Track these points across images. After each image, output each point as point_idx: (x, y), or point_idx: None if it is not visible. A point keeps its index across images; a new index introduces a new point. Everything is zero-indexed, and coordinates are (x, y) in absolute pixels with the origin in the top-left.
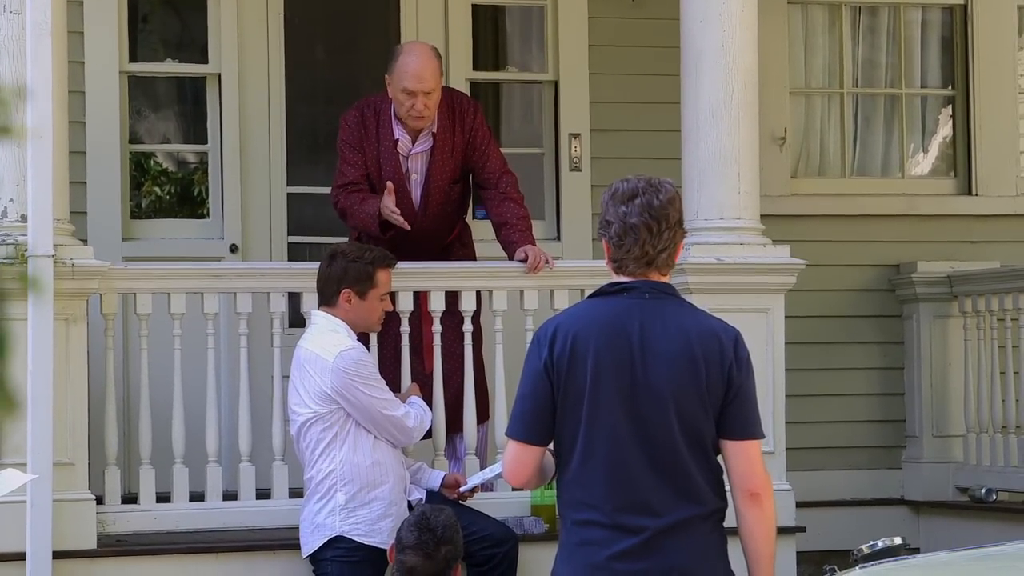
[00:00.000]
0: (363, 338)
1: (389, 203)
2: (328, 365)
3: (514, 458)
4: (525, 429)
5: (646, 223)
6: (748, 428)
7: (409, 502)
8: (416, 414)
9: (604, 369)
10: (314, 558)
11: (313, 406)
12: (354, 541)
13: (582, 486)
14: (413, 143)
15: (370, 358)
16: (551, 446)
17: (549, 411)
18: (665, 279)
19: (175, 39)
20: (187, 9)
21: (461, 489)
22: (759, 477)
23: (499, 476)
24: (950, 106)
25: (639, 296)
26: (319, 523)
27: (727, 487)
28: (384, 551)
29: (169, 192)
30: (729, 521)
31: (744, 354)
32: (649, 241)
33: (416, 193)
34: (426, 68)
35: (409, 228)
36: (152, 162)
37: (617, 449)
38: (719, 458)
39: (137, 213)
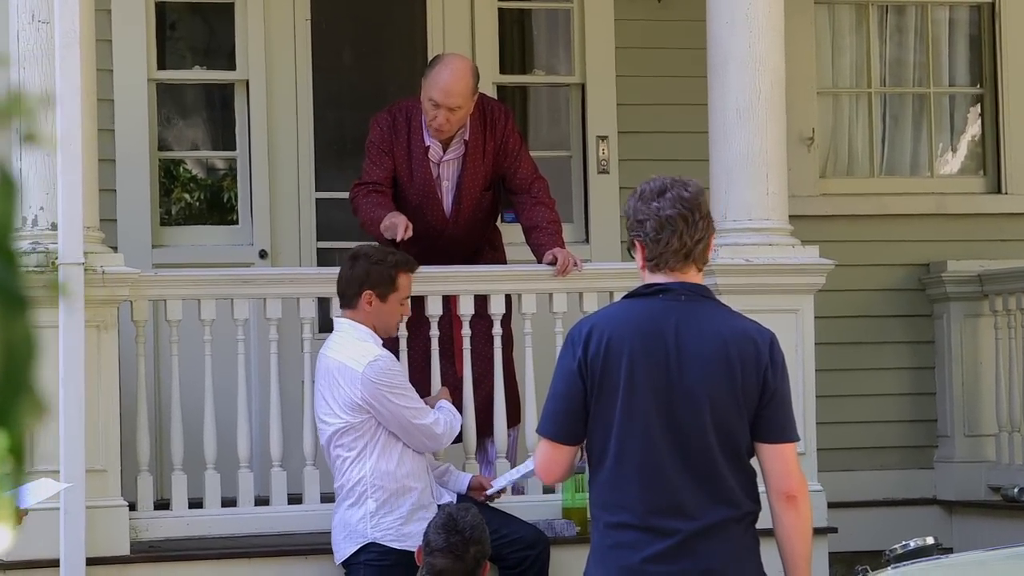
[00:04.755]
0: (393, 342)
1: (399, 222)
2: (358, 375)
3: (546, 456)
4: (557, 428)
5: (681, 214)
6: (784, 431)
7: (439, 505)
8: (445, 420)
9: (639, 371)
10: (347, 564)
11: (344, 416)
12: (385, 546)
13: (615, 488)
14: (444, 150)
15: (399, 366)
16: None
17: (581, 411)
18: (700, 278)
19: (203, 46)
20: (215, 16)
21: (488, 491)
22: (795, 479)
23: (526, 477)
24: (979, 104)
25: (675, 298)
26: (351, 530)
27: (760, 489)
28: (413, 554)
29: (199, 199)
30: (761, 523)
31: (779, 357)
32: (686, 231)
33: (447, 200)
34: (456, 84)
35: (399, 240)
36: (182, 169)
37: (651, 451)
38: (753, 460)
39: (167, 220)
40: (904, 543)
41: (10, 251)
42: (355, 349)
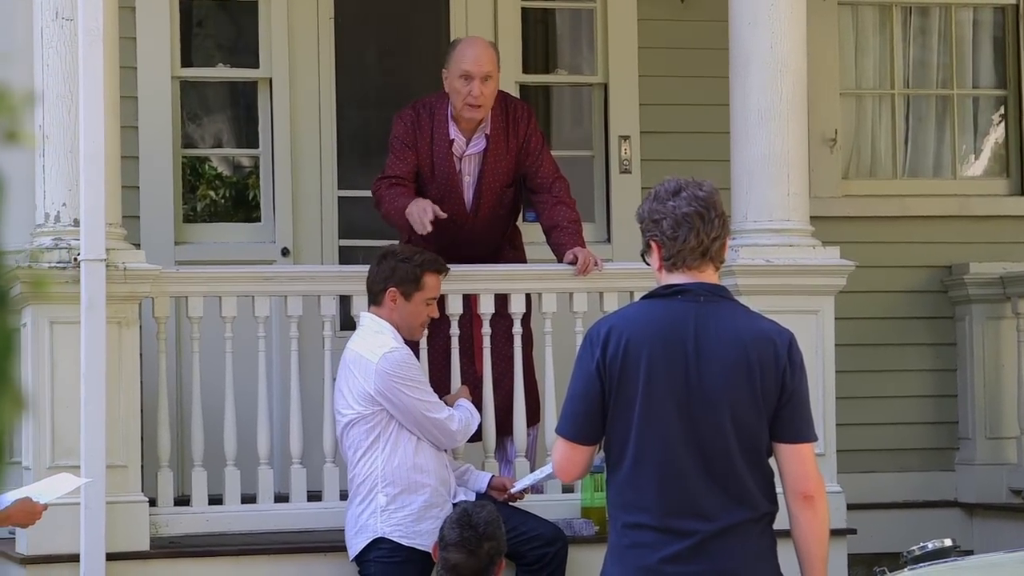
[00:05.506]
0: (413, 340)
1: (428, 208)
2: (372, 366)
3: (564, 456)
4: (575, 428)
5: (698, 211)
6: (802, 431)
7: (454, 504)
8: (461, 417)
9: (658, 372)
10: (358, 559)
11: (357, 407)
12: (395, 542)
13: (633, 488)
14: (467, 144)
15: (415, 360)
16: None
17: (599, 412)
18: (717, 278)
19: (229, 43)
20: (241, 13)
21: (511, 491)
22: (812, 480)
23: (548, 478)
24: (1002, 106)
25: (693, 299)
26: (362, 525)
27: (777, 490)
28: (426, 552)
29: (224, 196)
30: (778, 523)
31: (798, 357)
32: (703, 228)
33: (468, 195)
34: (484, 54)
35: (427, 232)
36: (207, 166)
37: (669, 452)
38: (770, 460)
39: (192, 217)
40: (922, 545)
41: None
42: (372, 341)
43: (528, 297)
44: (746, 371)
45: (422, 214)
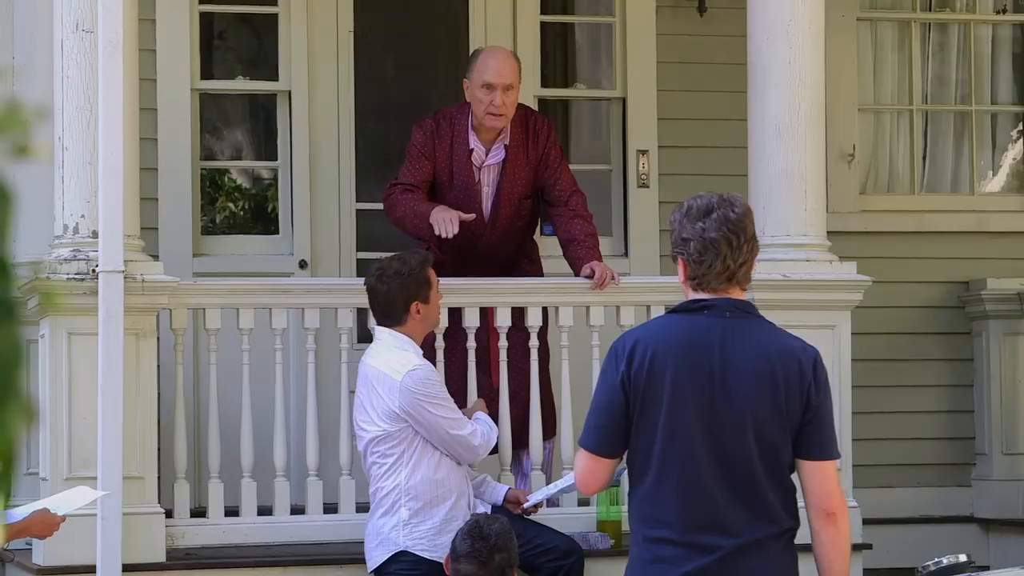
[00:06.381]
0: (430, 354)
1: (453, 213)
2: (396, 384)
3: (586, 469)
4: (597, 441)
5: (726, 237)
6: (825, 449)
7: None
8: (482, 431)
9: (683, 387)
10: (378, 572)
11: (382, 424)
12: (417, 555)
13: (656, 503)
14: (486, 154)
15: (437, 377)
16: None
17: (623, 425)
18: (744, 295)
19: (249, 56)
20: (261, 27)
21: (525, 505)
22: (835, 497)
23: (564, 492)
24: (1021, 123)
25: (719, 314)
26: (383, 537)
27: (799, 505)
28: None
29: (242, 208)
30: (799, 538)
31: (823, 375)
32: (730, 255)
33: (487, 205)
34: (505, 64)
35: (453, 235)
36: (226, 178)
37: (693, 467)
38: (793, 476)
39: (211, 229)
40: (937, 560)
41: (3, 260)
42: (394, 358)
43: (545, 311)
44: (771, 387)
45: (448, 219)
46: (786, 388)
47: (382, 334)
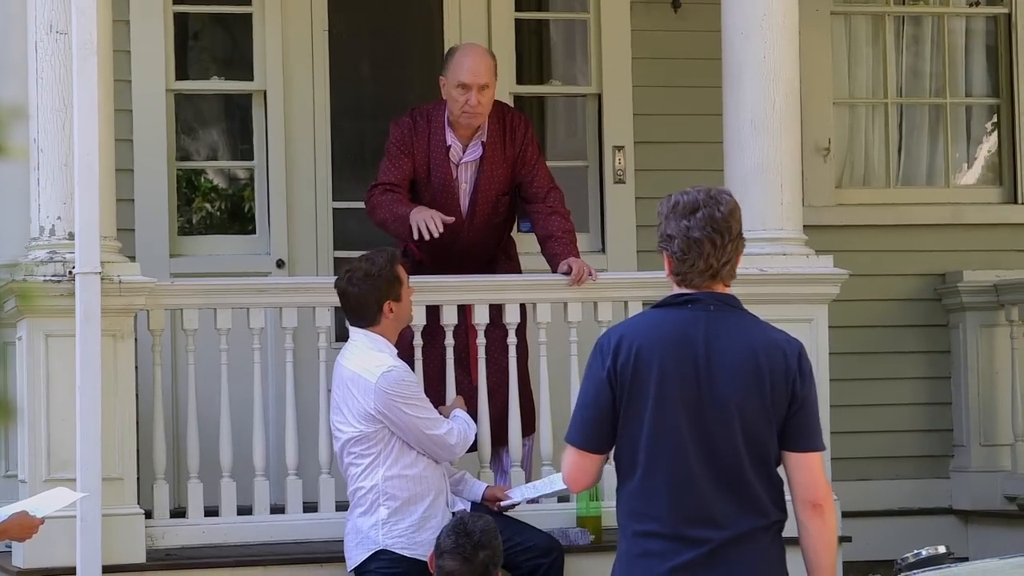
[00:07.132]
0: (408, 352)
1: (436, 215)
2: (371, 386)
3: (573, 464)
4: (585, 437)
5: (709, 237)
6: (811, 441)
7: (453, 513)
8: (459, 429)
9: (669, 381)
10: (359, 571)
11: (358, 425)
12: (396, 553)
13: (644, 497)
14: (464, 151)
15: (412, 377)
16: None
17: (610, 420)
18: (728, 290)
19: (225, 56)
20: (235, 26)
21: (503, 503)
22: (821, 488)
23: (551, 496)
24: (995, 115)
25: (704, 308)
26: (363, 536)
27: (786, 498)
28: (425, 563)
29: (219, 208)
30: (786, 531)
31: (807, 367)
32: (713, 255)
33: (464, 202)
34: (480, 63)
35: (436, 236)
36: (203, 179)
37: (681, 461)
38: (779, 469)
39: (188, 229)
40: (916, 552)
41: None
42: (369, 359)
43: (523, 307)
44: (756, 380)
45: (429, 219)
46: (771, 381)
47: (356, 335)
